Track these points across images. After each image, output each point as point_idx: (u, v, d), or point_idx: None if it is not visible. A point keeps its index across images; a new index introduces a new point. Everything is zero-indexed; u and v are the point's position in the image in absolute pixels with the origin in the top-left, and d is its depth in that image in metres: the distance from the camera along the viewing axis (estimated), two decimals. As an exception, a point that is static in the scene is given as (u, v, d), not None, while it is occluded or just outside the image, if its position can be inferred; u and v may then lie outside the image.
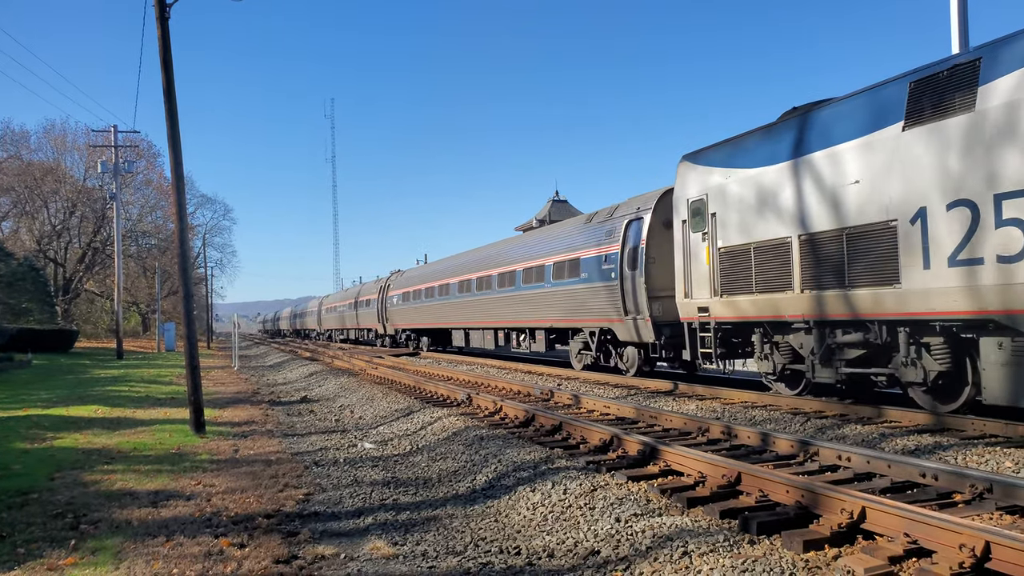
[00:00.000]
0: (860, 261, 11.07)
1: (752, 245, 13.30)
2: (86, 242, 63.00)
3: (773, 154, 12.90)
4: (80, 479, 9.00)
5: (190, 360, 13.23)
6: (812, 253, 11.95)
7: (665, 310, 16.47)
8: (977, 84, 9.46)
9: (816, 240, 11.87)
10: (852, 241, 11.19)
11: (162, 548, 6.22)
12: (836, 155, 11.50)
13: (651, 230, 17.00)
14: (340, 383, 21.13)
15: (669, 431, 10.63)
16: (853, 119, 11.33)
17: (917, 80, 10.38)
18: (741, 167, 13.68)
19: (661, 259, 16.59)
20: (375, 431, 12.87)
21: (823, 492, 5.94)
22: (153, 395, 19.88)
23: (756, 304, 13.19)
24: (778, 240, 12.66)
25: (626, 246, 17.75)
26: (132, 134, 42.64)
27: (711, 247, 14.32)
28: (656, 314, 16.59)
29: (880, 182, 10.70)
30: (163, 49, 13.04)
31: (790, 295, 12.40)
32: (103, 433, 12.73)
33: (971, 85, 9.54)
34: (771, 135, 13.16)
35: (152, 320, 74.63)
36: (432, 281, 34.68)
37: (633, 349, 18.19)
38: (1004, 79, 9.13)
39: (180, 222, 13.87)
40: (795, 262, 12.27)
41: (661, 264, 16.58)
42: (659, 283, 16.70)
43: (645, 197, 18.04)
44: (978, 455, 8.39)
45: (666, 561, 5.35)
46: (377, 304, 45.30)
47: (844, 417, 11.28)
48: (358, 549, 6.24)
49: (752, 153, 13.53)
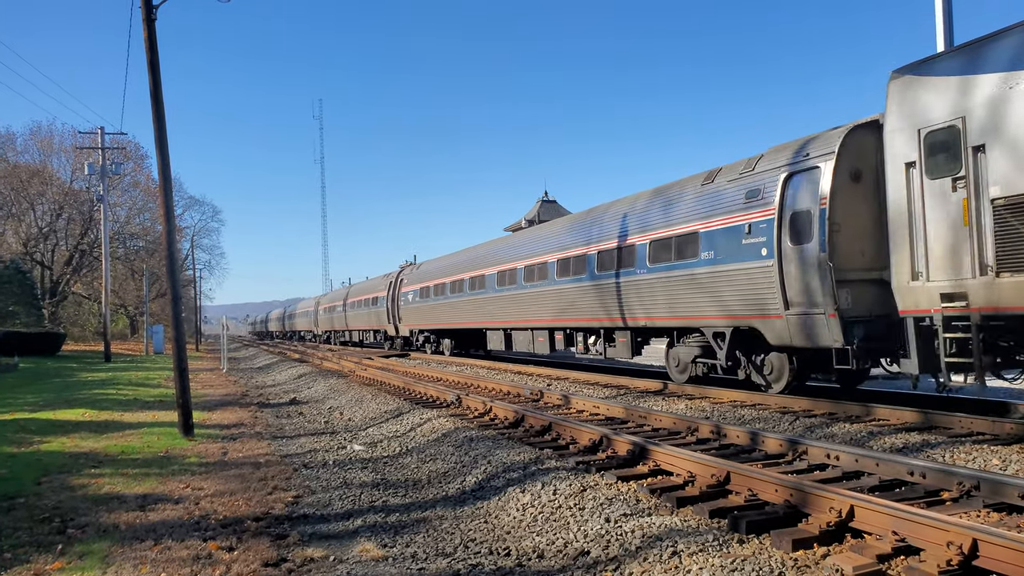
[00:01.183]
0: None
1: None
2: (73, 244, 62.66)
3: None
4: (67, 483, 8.94)
5: (178, 363, 13.16)
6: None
7: (856, 300, 11.83)
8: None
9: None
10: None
11: (150, 552, 6.18)
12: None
13: (835, 185, 11.82)
14: (329, 385, 21.07)
15: (659, 431, 10.64)
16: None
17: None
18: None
19: (849, 226, 11.87)
20: (364, 433, 12.84)
21: (812, 491, 5.96)
22: (141, 398, 19.77)
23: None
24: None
25: (786, 210, 12.62)
26: (119, 136, 42.49)
27: (974, 199, 9.82)
28: (845, 305, 11.67)
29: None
30: (150, 51, 12.96)
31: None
32: (90, 437, 12.65)
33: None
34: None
35: (140, 322, 74.25)
36: (459, 273, 29.09)
37: (781, 356, 13.41)
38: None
39: (168, 224, 13.80)
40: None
41: (849, 233, 11.87)
42: (848, 260, 11.82)
43: (812, 141, 12.75)
44: (966, 453, 8.44)
45: (655, 561, 5.35)
46: (387, 302, 39.71)
47: (833, 416, 11.32)
48: (347, 551, 6.22)
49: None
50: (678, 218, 15.63)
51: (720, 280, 14.12)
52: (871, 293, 11.72)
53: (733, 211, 13.92)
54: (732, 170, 14.59)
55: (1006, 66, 9.47)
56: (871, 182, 11.81)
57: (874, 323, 11.61)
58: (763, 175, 13.42)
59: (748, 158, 14.34)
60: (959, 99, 9.99)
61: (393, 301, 38.47)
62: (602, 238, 18.63)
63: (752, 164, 13.94)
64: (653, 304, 16.26)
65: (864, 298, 11.76)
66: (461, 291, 28.51)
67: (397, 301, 37.74)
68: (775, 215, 12.74)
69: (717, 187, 14.71)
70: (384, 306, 39.99)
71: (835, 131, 12.33)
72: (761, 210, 13.15)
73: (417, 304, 34.40)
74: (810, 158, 12.39)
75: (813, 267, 12.00)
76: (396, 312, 38.03)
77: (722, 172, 14.93)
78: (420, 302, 33.91)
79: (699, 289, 14.72)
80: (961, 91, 9.98)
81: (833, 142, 12.03)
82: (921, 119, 10.45)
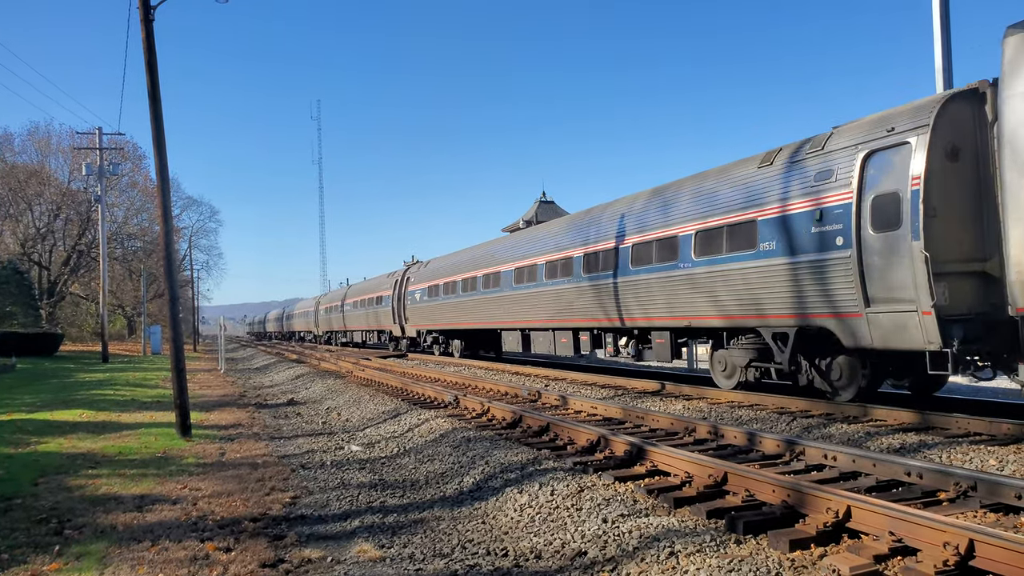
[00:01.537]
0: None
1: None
2: (71, 245, 62.59)
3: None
4: (64, 484, 8.93)
5: (176, 363, 13.16)
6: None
7: (954, 296, 10.46)
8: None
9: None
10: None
11: (147, 553, 6.18)
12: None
13: (931, 163, 10.41)
14: (327, 385, 21.06)
15: (656, 431, 10.65)
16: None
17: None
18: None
19: (946, 210, 10.49)
20: (362, 433, 12.84)
21: (809, 491, 5.97)
22: (139, 399, 19.75)
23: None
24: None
25: (866, 193, 11.24)
26: (117, 136, 42.36)
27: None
28: (942, 301, 10.26)
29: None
30: (148, 52, 12.95)
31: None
32: (88, 437, 12.64)
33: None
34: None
35: (138, 323, 74.16)
36: (471, 271, 27.47)
37: (852, 360, 12.25)
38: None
39: (165, 224, 13.79)
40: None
41: (946, 219, 10.50)
42: (946, 250, 10.42)
43: (897, 114, 11.28)
44: (963, 453, 8.45)
45: (653, 561, 5.36)
46: (392, 301, 38.16)
47: (830, 416, 11.33)
48: (345, 552, 6.22)
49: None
50: (730, 205, 14.04)
51: (782, 275, 12.69)
52: (971, 288, 10.46)
53: (800, 196, 12.46)
54: (796, 150, 13.07)
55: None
56: (970, 161, 10.54)
57: (973, 322, 10.30)
58: (836, 155, 11.98)
59: (813, 136, 13.00)
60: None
61: (399, 300, 36.85)
62: (642, 228, 16.80)
63: (821, 143, 12.43)
64: (698, 301, 14.75)
65: (963, 294, 10.42)
66: (473, 289, 26.88)
67: (403, 300, 36.17)
68: (853, 199, 11.34)
69: (777, 170, 13.20)
70: (389, 306, 38.36)
71: (927, 101, 10.92)
72: (835, 194, 11.73)
73: (425, 303, 32.81)
74: (896, 132, 10.94)
75: (902, 258, 10.60)
76: (402, 312, 36.35)
77: (781, 153, 13.42)
78: (428, 301, 32.34)
79: (756, 285, 13.24)
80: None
81: (926, 114, 10.56)
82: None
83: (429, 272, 33.11)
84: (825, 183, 11.95)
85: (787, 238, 12.62)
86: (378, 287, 42.32)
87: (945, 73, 15.67)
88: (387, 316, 39.09)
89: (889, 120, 11.19)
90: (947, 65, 15.68)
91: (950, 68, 15.67)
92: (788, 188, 12.73)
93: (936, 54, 15.75)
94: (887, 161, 10.99)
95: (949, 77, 15.72)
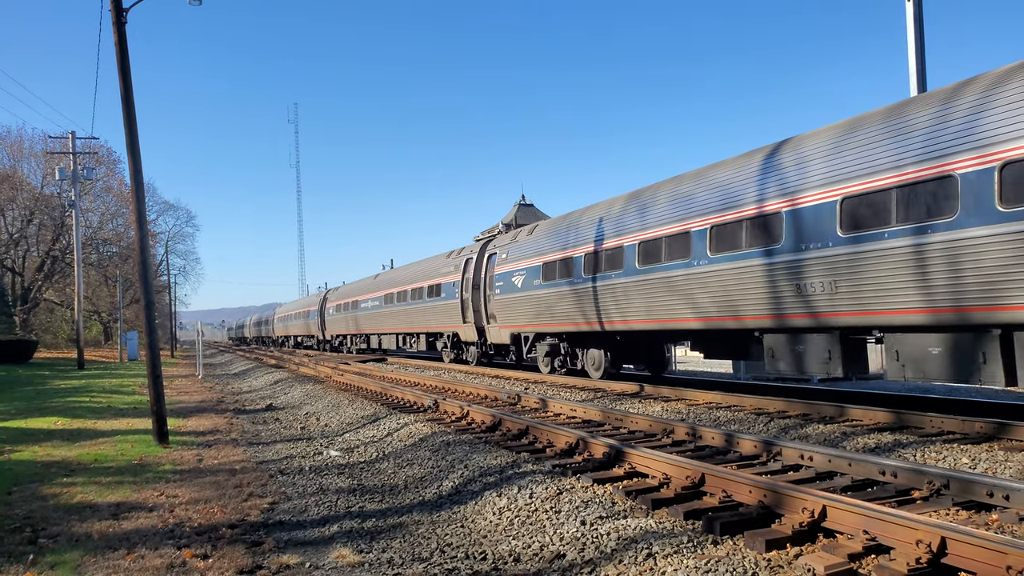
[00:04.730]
0: None
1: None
2: (45, 250, 61.77)
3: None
4: (39, 492, 8.82)
5: (152, 369, 13.04)
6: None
7: None
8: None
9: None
10: None
11: (123, 561, 6.12)
12: None
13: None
14: (306, 390, 20.95)
15: (635, 433, 10.70)
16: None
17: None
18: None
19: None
20: (341, 438, 12.78)
21: (785, 492, 6.02)
22: (115, 405, 19.55)
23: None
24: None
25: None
26: (91, 140, 41.98)
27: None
28: None
29: None
30: (120, 55, 12.84)
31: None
32: (63, 445, 12.50)
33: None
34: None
35: (114, 329, 73.38)
36: (620, 235, 17.13)
37: None
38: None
39: (140, 229, 13.67)
40: None
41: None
42: None
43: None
44: (936, 452, 8.56)
45: (631, 563, 5.38)
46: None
47: (807, 416, 11.43)
48: (323, 557, 6.20)
49: None
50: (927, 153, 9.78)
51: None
52: None
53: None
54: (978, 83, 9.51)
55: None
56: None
57: None
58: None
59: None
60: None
61: (476, 289, 26.01)
62: (761, 199, 12.61)
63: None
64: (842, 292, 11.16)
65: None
66: (619, 267, 17.00)
67: (483, 289, 25.54)
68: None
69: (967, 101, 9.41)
70: (456, 297, 27.25)
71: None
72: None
73: (531, 293, 21.48)
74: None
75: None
76: (483, 306, 25.62)
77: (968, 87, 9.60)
78: (542, 289, 20.77)
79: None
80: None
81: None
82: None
83: (535, 243, 21.84)
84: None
85: None
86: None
87: (919, 76, 15.91)
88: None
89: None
90: (920, 68, 15.92)
91: (923, 71, 15.91)
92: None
93: (910, 57, 15.97)
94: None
95: (923, 79, 15.95)
